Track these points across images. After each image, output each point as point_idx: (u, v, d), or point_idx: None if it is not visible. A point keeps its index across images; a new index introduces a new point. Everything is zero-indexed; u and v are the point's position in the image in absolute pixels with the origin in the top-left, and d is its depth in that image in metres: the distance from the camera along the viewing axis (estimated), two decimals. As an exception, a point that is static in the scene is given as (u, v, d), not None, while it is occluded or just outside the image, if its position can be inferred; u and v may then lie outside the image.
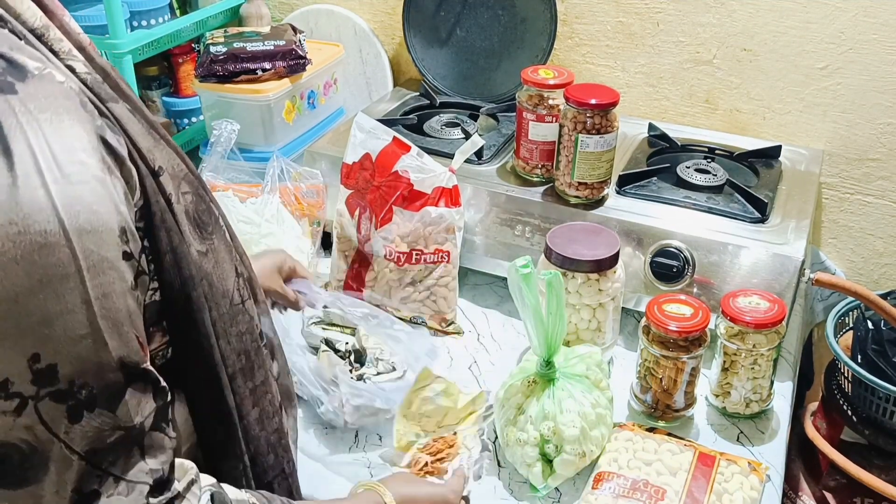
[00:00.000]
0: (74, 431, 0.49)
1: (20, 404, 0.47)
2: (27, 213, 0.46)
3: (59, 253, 0.47)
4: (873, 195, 1.46)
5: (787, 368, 1.18)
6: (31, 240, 0.46)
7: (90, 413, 0.50)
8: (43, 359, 0.47)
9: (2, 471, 0.48)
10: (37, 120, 0.48)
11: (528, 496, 0.96)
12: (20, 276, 0.45)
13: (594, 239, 1.10)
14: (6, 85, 0.47)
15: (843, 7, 1.35)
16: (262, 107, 1.45)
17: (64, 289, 0.47)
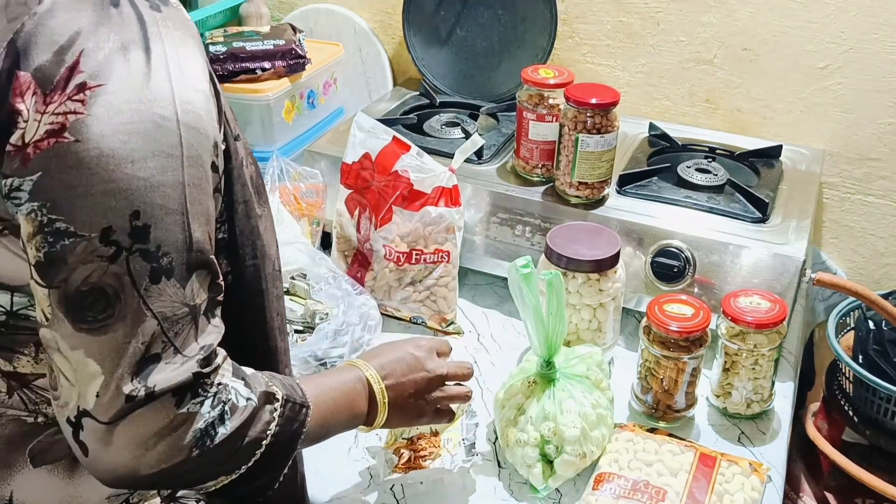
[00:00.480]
0: (153, 291, 0.57)
1: (115, 252, 0.55)
2: (153, 97, 0.56)
3: (171, 136, 0.56)
4: (874, 195, 1.45)
5: (789, 369, 1.18)
6: (152, 117, 0.55)
7: (167, 280, 0.57)
8: (142, 217, 0.55)
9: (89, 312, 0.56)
10: (171, 35, 0.59)
11: (528, 497, 0.96)
12: (139, 143, 0.55)
13: (595, 239, 1.10)
14: (155, 5, 0.59)
15: (843, 7, 1.35)
16: (262, 106, 1.45)
17: (169, 165, 0.56)
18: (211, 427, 0.62)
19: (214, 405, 0.62)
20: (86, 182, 0.54)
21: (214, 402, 0.63)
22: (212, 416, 0.62)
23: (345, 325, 1.11)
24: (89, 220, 0.54)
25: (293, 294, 1.20)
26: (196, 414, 0.61)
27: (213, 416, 0.62)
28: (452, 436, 0.98)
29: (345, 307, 1.15)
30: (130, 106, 0.55)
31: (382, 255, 1.22)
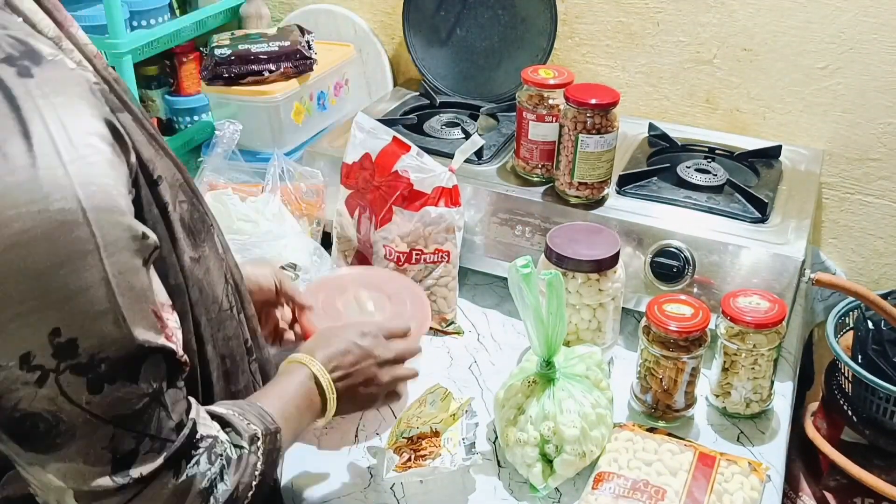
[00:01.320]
0: (96, 402, 0.52)
1: (41, 376, 0.49)
2: (47, 193, 0.47)
3: (79, 230, 0.48)
4: (874, 195, 1.46)
5: (788, 368, 1.18)
6: (51, 217, 0.47)
7: (111, 385, 0.52)
8: (64, 333, 0.49)
9: (32, 437, 0.51)
10: (52, 104, 0.49)
11: (528, 496, 0.96)
12: (42, 254, 0.47)
13: (594, 239, 1.10)
14: (23, 69, 0.49)
15: (843, 7, 1.35)
16: (270, 108, 1.45)
17: (84, 265, 0.49)
18: (213, 485, 0.60)
19: (212, 461, 0.61)
20: None
21: (211, 458, 0.61)
22: (213, 473, 0.61)
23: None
24: (3, 349, 0.48)
25: None
26: (195, 475, 0.59)
27: (214, 472, 0.61)
28: (452, 435, 0.98)
29: None
30: (20, 212, 0.46)
31: (382, 255, 1.22)
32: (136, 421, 0.54)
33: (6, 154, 0.46)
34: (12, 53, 0.49)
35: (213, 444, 0.62)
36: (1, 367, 0.49)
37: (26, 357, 0.49)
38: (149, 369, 0.55)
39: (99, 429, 0.53)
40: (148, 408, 0.55)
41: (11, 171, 0.46)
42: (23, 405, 0.50)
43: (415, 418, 0.98)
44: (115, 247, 0.51)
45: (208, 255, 0.70)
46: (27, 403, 0.50)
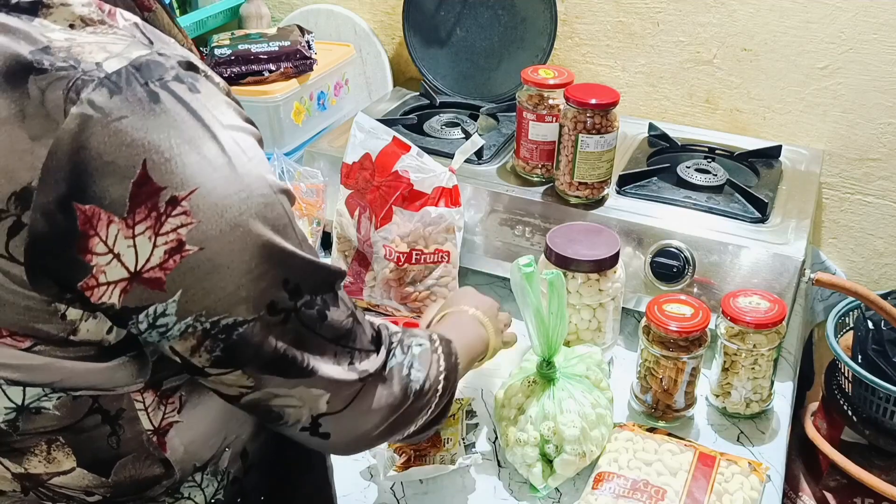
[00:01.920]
0: (325, 326, 0.63)
1: (285, 317, 0.59)
2: (248, 183, 0.55)
3: (279, 208, 0.58)
4: (874, 195, 1.46)
5: (788, 368, 1.18)
6: (257, 201, 0.56)
7: (330, 311, 0.63)
8: (290, 281, 0.59)
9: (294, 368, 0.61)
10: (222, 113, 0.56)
11: (528, 496, 0.96)
12: (259, 228, 0.56)
13: (594, 239, 1.10)
14: (192, 86, 0.54)
15: (843, 7, 1.35)
16: (270, 108, 1.45)
17: (287, 233, 0.59)
18: (409, 373, 0.72)
19: (405, 351, 0.73)
20: (230, 278, 0.55)
21: (403, 349, 0.73)
22: (407, 361, 0.72)
23: None
24: (252, 304, 0.57)
25: None
26: (394, 366, 0.70)
27: (409, 360, 0.73)
28: (452, 435, 0.98)
29: None
30: (233, 200, 0.54)
31: (382, 255, 1.22)
32: (347, 338, 0.65)
33: (205, 156, 0.53)
34: (180, 72, 0.54)
35: (402, 338, 0.74)
36: (254, 319, 0.57)
37: (272, 305, 0.58)
38: (342, 294, 0.65)
39: (328, 349, 0.63)
40: (353, 325, 0.66)
41: (216, 169, 0.53)
42: (281, 343, 0.59)
43: None
44: (295, 218, 0.61)
45: None
46: (284, 341, 0.60)
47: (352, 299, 0.69)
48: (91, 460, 0.62)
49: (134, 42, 0.54)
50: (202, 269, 0.54)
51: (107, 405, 0.61)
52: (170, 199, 0.51)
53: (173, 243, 0.52)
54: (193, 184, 0.52)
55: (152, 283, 0.53)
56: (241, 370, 0.59)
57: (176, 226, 0.52)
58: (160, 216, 0.51)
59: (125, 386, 0.60)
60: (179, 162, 0.51)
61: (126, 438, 0.62)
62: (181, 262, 0.53)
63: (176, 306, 0.54)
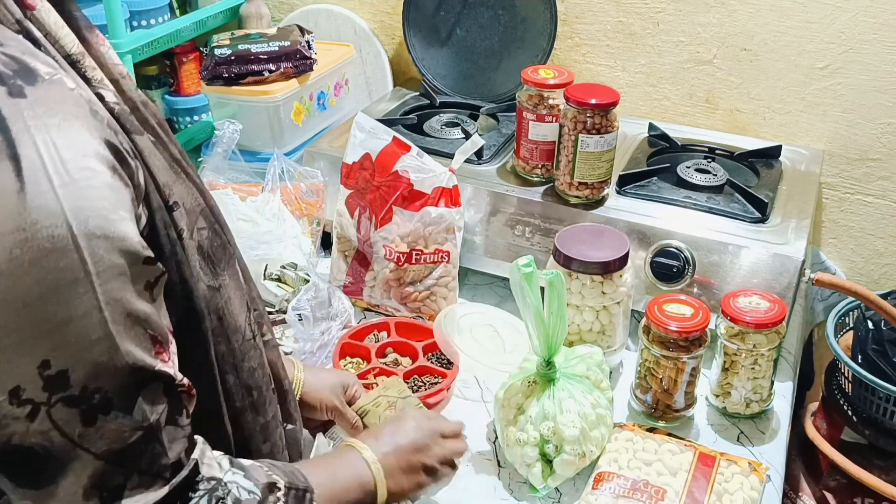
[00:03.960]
0: (90, 434, 0.50)
1: (32, 410, 0.47)
2: (35, 219, 0.45)
3: (68, 258, 0.46)
4: (874, 195, 1.46)
5: (788, 368, 1.18)
6: (39, 245, 0.45)
7: (105, 416, 0.50)
8: (54, 365, 0.47)
9: (24, 472, 0.49)
10: (45, 125, 0.47)
11: (528, 496, 0.96)
12: (29, 283, 0.45)
13: (602, 241, 1.09)
14: (15, 88, 0.47)
15: (843, 7, 1.35)
16: (270, 108, 1.45)
17: (73, 294, 0.47)
18: None
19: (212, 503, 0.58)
20: None
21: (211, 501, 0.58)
22: None
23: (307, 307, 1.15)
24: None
25: (283, 281, 1.24)
26: None
27: None
28: None
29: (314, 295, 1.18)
30: (7, 240, 0.45)
31: (382, 255, 1.22)
32: (127, 455, 0.52)
33: None
34: (4, 72, 0.47)
35: (216, 487, 0.59)
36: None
37: (16, 391, 0.47)
38: (145, 399, 0.53)
39: (92, 464, 0.51)
40: (141, 442, 0.53)
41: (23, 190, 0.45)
42: (16, 440, 0.48)
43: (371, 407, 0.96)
44: (108, 273, 0.49)
45: (229, 284, 0.68)
46: (20, 438, 0.48)
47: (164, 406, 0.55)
48: None
49: None
50: None
51: None
52: None
53: None
54: None
55: None
56: None
57: None
58: None
59: None
60: None
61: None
62: None
63: None
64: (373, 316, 1.26)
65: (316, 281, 1.18)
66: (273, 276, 1.24)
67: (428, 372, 1.11)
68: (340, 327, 1.18)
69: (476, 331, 1.18)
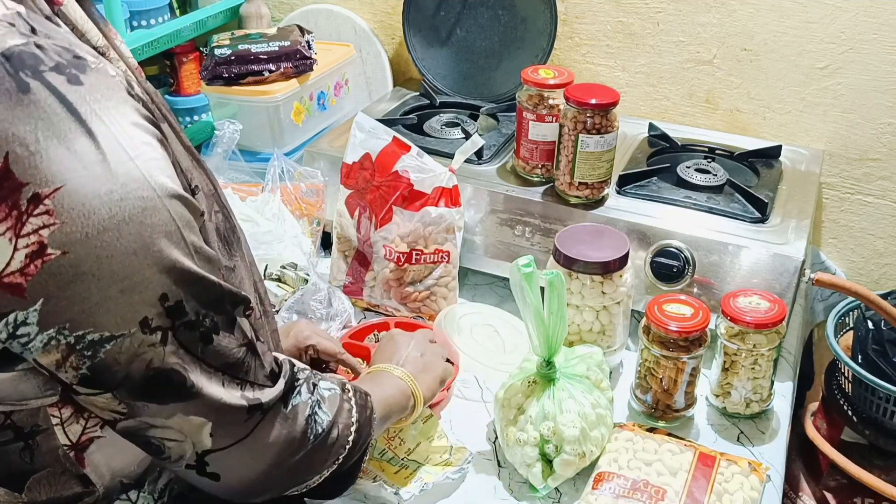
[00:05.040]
0: (209, 351, 0.58)
1: (163, 336, 0.55)
2: (124, 183, 0.51)
3: (160, 214, 0.53)
4: (874, 195, 1.46)
5: (788, 368, 1.18)
6: (132, 205, 0.51)
7: (217, 336, 0.59)
8: (170, 297, 0.55)
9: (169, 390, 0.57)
10: (105, 108, 0.52)
11: (528, 496, 0.96)
12: (134, 234, 0.51)
13: (603, 241, 1.09)
14: (73, 77, 0.51)
15: (843, 7, 1.35)
16: (270, 108, 1.45)
17: (172, 242, 0.54)
18: (314, 413, 0.68)
19: (311, 391, 0.69)
20: (97, 289, 0.51)
21: (310, 388, 0.69)
22: (313, 400, 0.68)
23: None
24: (121, 319, 0.53)
25: (283, 281, 1.24)
26: (299, 404, 0.67)
27: (314, 400, 0.69)
28: (427, 478, 0.96)
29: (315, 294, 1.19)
30: (104, 201, 0.50)
31: (382, 255, 1.22)
32: (238, 368, 0.61)
33: (76, 151, 0.49)
34: (60, 62, 0.51)
35: (310, 376, 0.71)
36: (125, 335, 0.53)
37: (145, 322, 0.54)
38: (240, 321, 0.62)
39: (212, 377, 0.59)
40: (246, 356, 0.62)
41: (85, 166, 0.49)
42: (156, 363, 0.55)
43: (397, 439, 0.97)
44: (189, 227, 0.56)
45: (240, 265, 0.73)
46: (159, 362, 0.55)
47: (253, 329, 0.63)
48: (3, 474, 0.60)
49: (10, 31, 0.51)
50: (65, 275, 0.49)
51: (20, 421, 0.58)
52: (32, 197, 0.48)
53: (35, 246, 0.48)
54: (59, 181, 0.48)
55: (12, 288, 0.49)
56: (111, 393, 0.55)
57: (38, 226, 0.48)
58: (21, 215, 0.48)
59: (35, 399, 0.57)
60: (45, 156, 0.48)
61: (40, 453, 0.60)
62: (43, 268, 0.49)
63: (38, 315, 0.50)
64: (373, 316, 1.26)
65: (316, 281, 1.18)
66: (273, 276, 1.24)
67: None
68: (340, 327, 1.18)
69: (476, 331, 1.18)
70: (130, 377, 0.55)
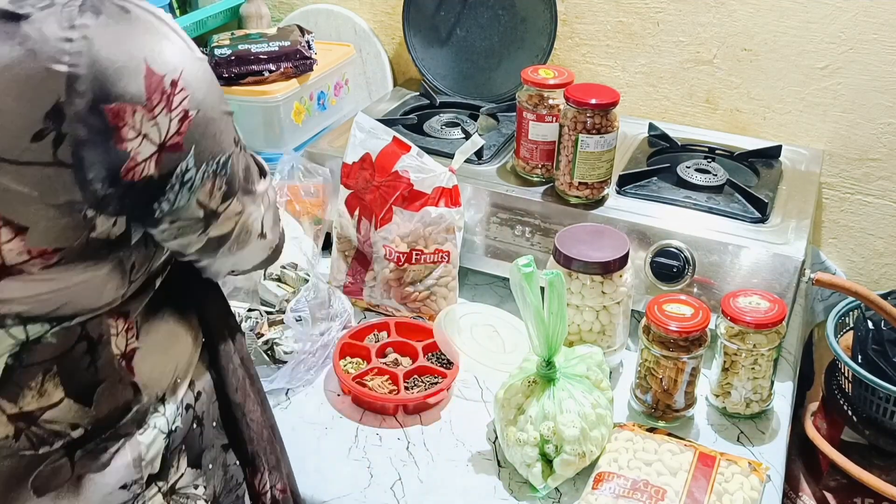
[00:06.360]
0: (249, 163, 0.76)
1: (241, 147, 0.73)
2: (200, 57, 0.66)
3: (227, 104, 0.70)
4: (874, 195, 1.46)
5: (788, 368, 1.18)
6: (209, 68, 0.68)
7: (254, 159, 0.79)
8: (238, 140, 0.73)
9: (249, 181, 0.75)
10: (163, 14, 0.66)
11: (528, 496, 0.96)
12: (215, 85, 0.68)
13: (603, 241, 1.09)
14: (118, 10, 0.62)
15: (843, 7, 1.35)
16: (270, 108, 1.45)
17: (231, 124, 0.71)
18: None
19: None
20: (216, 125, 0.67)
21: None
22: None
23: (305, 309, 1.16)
24: (228, 140, 0.70)
25: (283, 281, 1.25)
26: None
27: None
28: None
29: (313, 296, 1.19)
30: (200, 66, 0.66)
31: (382, 255, 1.22)
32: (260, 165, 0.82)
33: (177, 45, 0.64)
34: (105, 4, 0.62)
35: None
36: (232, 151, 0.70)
37: (236, 139, 0.71)
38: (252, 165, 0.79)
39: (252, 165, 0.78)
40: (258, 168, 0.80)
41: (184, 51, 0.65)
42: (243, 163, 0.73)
43: None
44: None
45: None
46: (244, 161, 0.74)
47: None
48: (76, 389, 0.69)
49: None
50: (202, 125, 0.65)
51: (92, 331, 0.69)
52: (171, 82, 0.62)
53: (181, 113, 0.63)
54: (181, 66, 0.63)
55: (174, 147, 0.63)
56: (235, 197, 0.73)
57: (180, 99, 0.63)
58: (168, 96, 0.62)
59: (109, 304, 0.69)
60: (167, 53, 0.63)
61: (102, 365, 0.70)
62: (189, 126, 0.64)
63: (193, 159, 0.65)
64: (373, 316, 1.26)
65: (316, 281, 1.18)
66: (273, 277, 1.24)
67: (428, 372, 1.12)
68: (340, 327, 1.18)
69: (476, 331, 1.18)
70: (241, 178, 0.73)
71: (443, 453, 1.02)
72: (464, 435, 1.05)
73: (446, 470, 1.00)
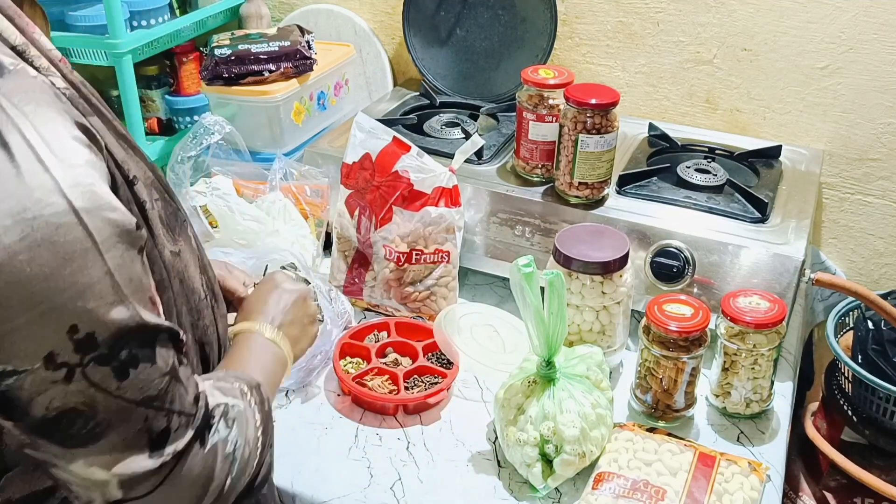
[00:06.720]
0: (126, 386, 0.54)
1: (69, 373, 0.51)
2: (38, 198, 0.48)
3: (75, 231, 0.50)
4: (874, 195, 1.46)
5: (788, 368, 1.18)
6: (46, 222, 0.48)
7: (135, 370, 0.55)
8: (81, 329, 0.51)
9: (71, 433, 0.53)
10: (23, 113, 0.50)
11: (528, 496, 0.96)
12: (46, 257, 0.48)
13: (603, 241, 1.09)
14: None
15: (843, 7, 1.35)
16: (270, 108, 1.45)
17: (87, 262, 0.51)
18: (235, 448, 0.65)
19: (229, 425, 0.65)
20: (4, 318, 0.48)
21: (228, 423, 0.65)
22: (233, 436, 0.65)
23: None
24: (25, 352, 0.49)
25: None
26: (218, 442, 0.63)
27: (234, 435, 0.65)
28: None
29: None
30: (16, 219, 0.48)
31: (382, 255, 1.22)
32: (162, 400, 0.57)
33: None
34: None
35: (226, 409, 0.66)
36: (27, 370, 0.50)
37: (50, 357, 0.50)
38: (161, 349, 0.58)
39: (133, 412, 0.55)
40: (170, 385, 0.58)
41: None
42: (56, 403, 0.52)
43: None
44: (110, 242, 0.53)
45: (185, 248, 0.73)
46: (61, 401, 0.52)
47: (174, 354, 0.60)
48: None
49: None
50: None
51: None
52: None
53: None
54: None
55: None
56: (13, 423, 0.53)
57: None
58: None
59: None
60: None
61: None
62: None
63: None
64: (373, 316, 1.26)
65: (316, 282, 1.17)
66: None
67: (428, 372, 1.12)
68: (341, 328, 1.18)
69: (476, 331, 1.18)
70: (30, 415, 0.52)
71: (443, 453, 1.02)
72: (464, 435, 1.05)
73: (446, 470, 1.00)
